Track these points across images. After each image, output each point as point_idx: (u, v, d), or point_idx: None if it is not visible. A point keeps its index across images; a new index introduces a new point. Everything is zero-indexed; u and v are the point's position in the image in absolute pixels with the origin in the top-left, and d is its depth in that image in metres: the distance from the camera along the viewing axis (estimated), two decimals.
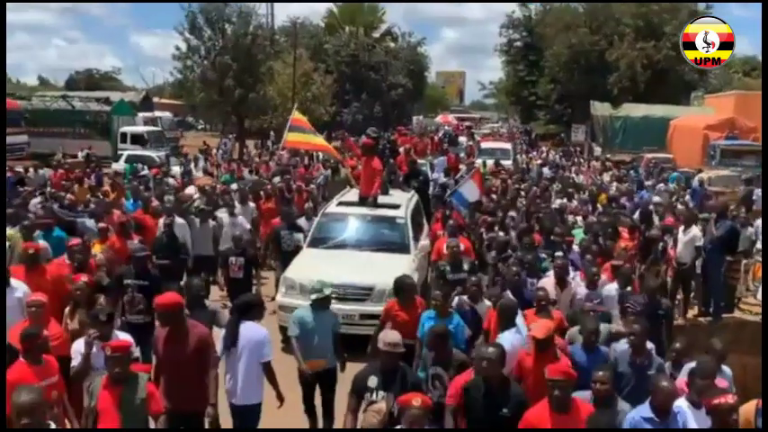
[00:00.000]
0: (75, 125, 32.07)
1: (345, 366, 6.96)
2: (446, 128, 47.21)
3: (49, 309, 6.55)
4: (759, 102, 34.33)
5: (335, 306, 7.60)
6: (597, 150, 34.90)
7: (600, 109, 37.23)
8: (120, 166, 24.39)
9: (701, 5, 48.96)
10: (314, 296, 6.94)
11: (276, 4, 47.67)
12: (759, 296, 10.79)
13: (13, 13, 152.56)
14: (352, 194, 12.63)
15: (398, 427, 4.77)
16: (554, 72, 50.32)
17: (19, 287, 7.38)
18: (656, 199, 14.66)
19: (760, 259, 11.02)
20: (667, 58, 44.42)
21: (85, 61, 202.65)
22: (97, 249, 9.81)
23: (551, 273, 8.82)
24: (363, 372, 5.70)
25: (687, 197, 16.48)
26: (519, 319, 6.92)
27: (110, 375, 5.23)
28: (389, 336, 5.82)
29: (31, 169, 19.56)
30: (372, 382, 5.55)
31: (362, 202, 11.91)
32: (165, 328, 5.91)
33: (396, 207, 11.79)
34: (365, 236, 11.28)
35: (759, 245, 11.39)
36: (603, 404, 5.27)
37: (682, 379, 5.99)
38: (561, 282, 8.56)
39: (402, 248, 10.76)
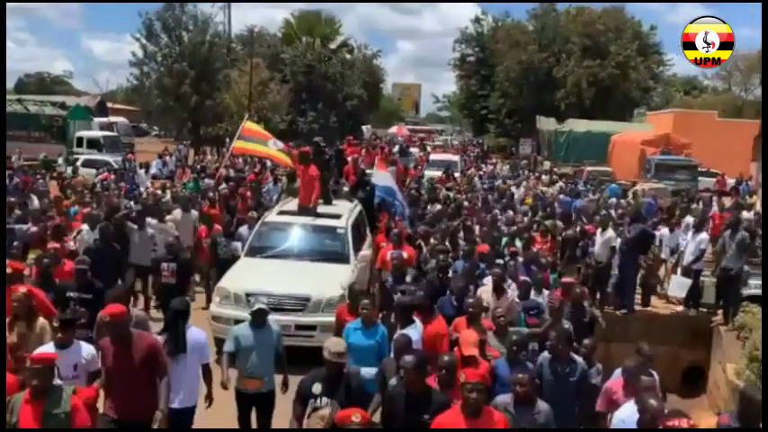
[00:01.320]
0: (31, 129, 32.12)
1: (287, 386, 6.65)
2: (399, 139, 48.38)
3: None
4: (695, 119, 36.75)
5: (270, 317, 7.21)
6: (546, 164, 36.30)
7: (545, 123, 38.74)
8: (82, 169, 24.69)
9: (645, 27, 51.51)
10: (253, 308, 6.77)
11: (233, 13, 47.92)
12: (669, 292, 12.01)
13: None
14: (295, 203, 12.30)
15: None
16: (504, 87, 51.82)
17: None
18: (578, 203, 15.86)
19: (665, 259, 12.34)
20: (612, 76, 46.43)
21: (34, 64, 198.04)
22: (32, 256, 9.71)
23: (488, 280, 8.97)
24: (308, 378, 5.69)
25: (611, 204, 17.74)
26: (416, 318, 7.18)
27: (30, 389, 4.98)
28: (334, 344, 5.77)
29: None
30: (317, 388, 5.54)
31: (302, 211, 11.77)
32: (111, 341, 5.72)
33: (337, 217, 11.66)
34: (304, 245, 11.12)
35: (665, 250, 12.57)
36: (523, 405, 5.44)
37: (616, 381, 6.42)
38: (498, 289, 8.65)
39: (341, 258, 10.59)
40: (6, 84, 11.42)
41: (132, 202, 15.10)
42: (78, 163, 25.69)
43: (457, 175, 25.40)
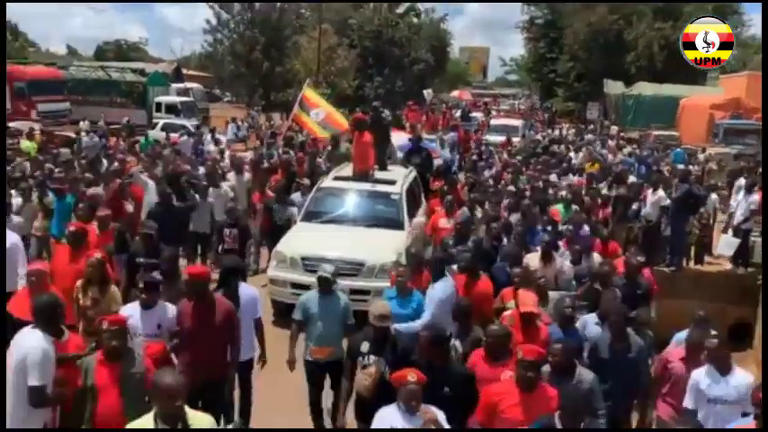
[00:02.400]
0: (113, 95, 33.87)
1: None
2: (462, 103, 48.49)
3: (47, 280, 6.38)
4: None
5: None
6: (614, 129, 36.02)
7: (613, 87, 38.33)
8: (157, 133, 26.17)
9: None
10: (319, 273, 6.70)
11: None
12: (717, 251, 12.39)
13: None
14: (349, 170, 12.37)
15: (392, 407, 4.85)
16: (573, 50, 51.09)
17: (9, 237, 7.54)
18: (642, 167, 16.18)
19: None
20: None
21: (111, 31, 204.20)
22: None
23: (539, 248, 8.96)
24: (356, 337, 5.94)
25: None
26: (447, 272, 7.43)
27: (106, 350, 4.97)
28: (377, 308, 5.90)
29: (83, 134, 21.37)
30: (365, 347, 5.71)
31: (357, 177, 11.83)
32: (191, 302, 5.88)
33: (392, 183, 11.68)
34: (359, 211, 11.18)
35: (738, 216, 12.69)
36: (561, 375, 5.43)
37: (674, 350, 6.46)
38: (546, 256, 8.64)
39: (396, 225, 10.66)
40: (6, 85, 11.94)
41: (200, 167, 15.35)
42: (158, 127, 27.26)
43: (517, 140, 25.52)
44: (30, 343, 4.92)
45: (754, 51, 60.44)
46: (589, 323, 6.88)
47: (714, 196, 13.18)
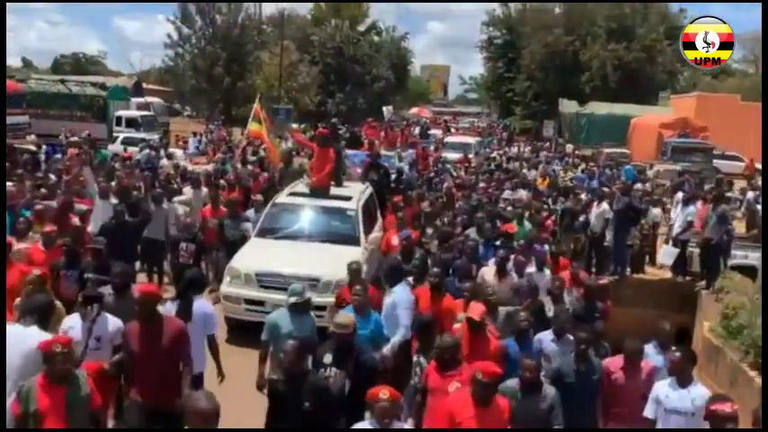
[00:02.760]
0: (73, 108, 33.56)
1: None
2: (423, 120, 49.22)
3: None
4: (717, 103, 37.09)
5: (277, 297, 7.18)
6: (569, 147, 37.04)
7: (567, 106, 39.52)
8: (117, 147, 26.16)
9: (674, 7, 51.61)
10: (291, 299, 6.61)
11: None
12: (658, 260, 13.09)
13: None
14: (305, 185, 12.27)
15: (366, 420, 4.95)
16: (530, 70, 52.44)
17: None
18: (594, 183, 16.94)
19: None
20: (637, 60, 46.81)
21: (67, 44, 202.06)
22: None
23: (491, 261, 9.13)
24: (321, 348, 5.93)
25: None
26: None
27: (52, 374, 4.73)
28: (340, 317, 6.02)
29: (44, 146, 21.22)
30: (327, 358, 5.72)
31: (313, 193, 11.73)
32: (139, 323, 5.65)
33: (348, 199, 11.63)
34: (315, 227, 11.08)
35: (676, 228, 13.39)
36: (530, 390, 5.53)
37: (614, 360, 6.45)
38: (501, 272, 8.72)
39: (352, 240, 10.55)
40: (6, 84, 12.01)
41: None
42: (118, 141, 27.24)
43: (471, 156, 26.13)
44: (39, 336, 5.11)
45: (703, 73, 62.77)
46: (545, 340, 6.89)
47: (656, 210, 13.90)
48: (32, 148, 21.30)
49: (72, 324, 5.88)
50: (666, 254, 12.60)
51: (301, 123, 37.29)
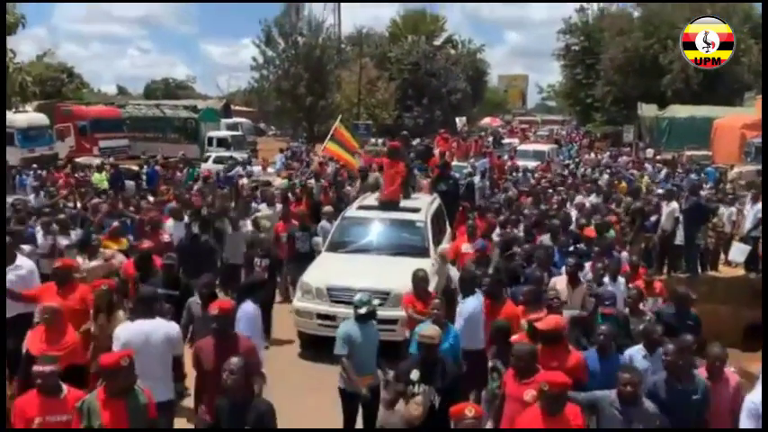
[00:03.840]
0: (167, 131, 35.92)
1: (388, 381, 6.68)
2: (500, 131, 49.48)
3: (65, 316, 6.51)
4: None
5: (348, 311, 7.20)
6: (649, 151, 36.65)
7: (647, 110, 39.04)
8: (209, 165, 27.91)
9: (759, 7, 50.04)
10: (361, 310, 6.69)
11: (342, 13, 50.82)
12: (730, 257, 13.29)
13: (89, 25, 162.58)
14: (374, 198, 12.43)
15: None
16: (609, 75, 51.93)
17: (24, 265, 7.88)
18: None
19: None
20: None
21: (157, 69, 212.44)
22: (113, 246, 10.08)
23: (563, 270, 8.90)
24: (405, 364, 5.89)
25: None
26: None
27: (114, 388, 4.87)
28: (427, 329, 5.95)
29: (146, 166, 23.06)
30: (414, 375, 5.66)
31: (383, 205, 11.83)
32: (211, 339, 5.71)
33: (416, 211, 11.67)
34: (384, 240, 11.13)
35: (747, 225, 13.55)
36: (627, 403, 5.32)
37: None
38: (573, 280, 8.49)
39: (421, 252, 10.50)
40: (6, 84, 13.08)
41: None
42: (210, 160, 29.03)
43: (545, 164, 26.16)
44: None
45: None
46: (635, 356, 6.59)
47: (732, 209, 14.07)
48: (135, 168, 23.13)
49: (126, 328, 6.07)
50: (737, 251, 12.83)
51: (380, 138, 38.38)
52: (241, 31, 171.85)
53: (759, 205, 12.61)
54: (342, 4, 52.61)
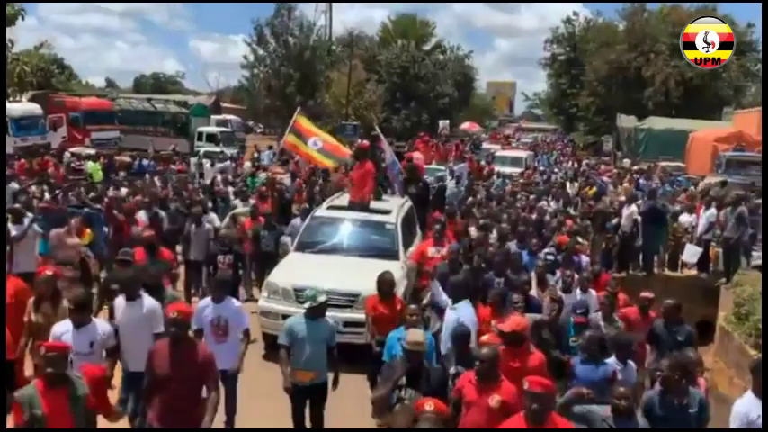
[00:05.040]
0: (158, 125, 36.62)
1: (338, 382, 6.79)
2: (484, 136, 50.38)
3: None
4: None
5: None
6: (626, 161, 37.70)
7: (625, 121, 40.19)
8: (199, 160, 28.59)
9: (742, 25, 51.28)
10: (308, 304, 6.67)
11: (333, 13, 51.50)
12: (683, 258, 14.28)
13: (79, 17, 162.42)
14: (344, 199, 12.30)
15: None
16: (593, 86, 53.22)
17: None
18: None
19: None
20: (700, 76, 46.93)
21: (146, 63, 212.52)
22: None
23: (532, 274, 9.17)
24: (393, 371, 5.87)
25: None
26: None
27: (51, 377, 4.84)
28: (412, 335, 5.92)
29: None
30: (402, 379, 5.65)
31: (352, 206, 11.72)
32: (167, 343, 5.56)
33: (386, 212, 11.56)
34: (353, 241, 11.00)
35: (699, 229, 14.56)
36: (622, 416, 5.26)
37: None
38: (542, 283, 8.82)
39: (391, 255, 10.40)
40: (6, 86, 13.21)
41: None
42: (200, 154, 29.73)
43: (518, 171, 26.16)
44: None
45: None
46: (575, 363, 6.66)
47: (691, 216, 15.08)
48: (127, 159, 23.86)
49: (64, 329, 5.98)
50: (690, 253, 13.83)
51: (366, 139, 39.13)
52: (231, 27, 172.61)
53: (711, 211, 13.63)
54: (333, 5, 53.37)
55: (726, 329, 11.09)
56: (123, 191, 16.07)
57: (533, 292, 8.64)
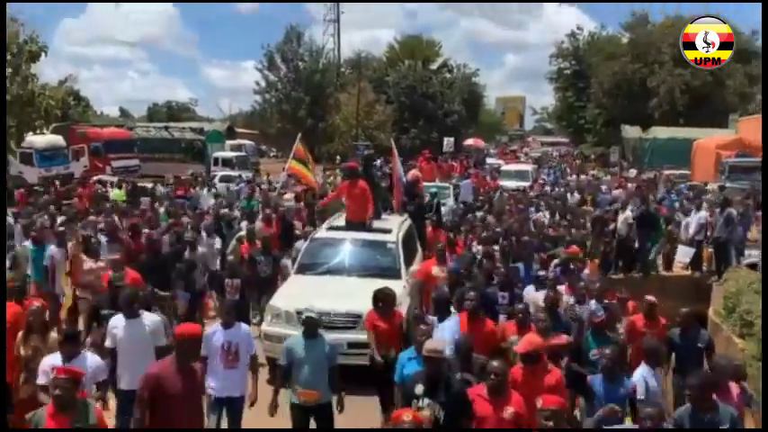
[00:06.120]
0: (175, 151, 37.78)
1: (343, 404, 6.69)
2: (492, 152, 51.08)
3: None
4: None
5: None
6: (632, 171, 38.33)
7: (630, 132, 40.95)
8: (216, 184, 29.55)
9: (747, 32, 51.82)
10: (303, 317, 6.77)
11: (342, 34, 52.75)
12: (677, 258, 15.03)
13: (91, 48, 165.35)
14: (343, 219, 12.23)
15: None
16: (599, 98, 53.97)
17: None
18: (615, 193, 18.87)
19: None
20: (705, 84, 47.55)
21: (158, 92, 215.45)
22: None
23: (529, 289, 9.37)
24: (412, 378, 5.82)
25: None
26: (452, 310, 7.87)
27: (54, 401, 4.91)
28: (432, 342, 5.91)
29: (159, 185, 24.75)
30: (419, 389, 5.55)
31: (350, 226, 11.68)
32: (168, 363, 5.53)
33: (387, 231, 11.51)
34: (354, 261, 10.90)
35: (691, 231, 15.18)
36: None
37: None
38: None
39: (392, 274, 10.34)
40: (6, 86, 13.78)
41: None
42: (217, 179, 30.72)
43: (526, 184, 26.72)
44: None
45: None
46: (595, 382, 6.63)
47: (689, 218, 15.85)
48: (148, 185, 24.89)
49: (53, 362, 5.88)
50: (684, 253, 14.59)
51: (378, 159, 40.08)
52: (241, 54, 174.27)
53: (702, 213, 14.42)
54: (341, 28, 54.72)
55: (715, 322, 11.85)
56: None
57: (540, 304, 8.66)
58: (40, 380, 5.91)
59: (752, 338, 9.84)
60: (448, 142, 42.64)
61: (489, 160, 42.79)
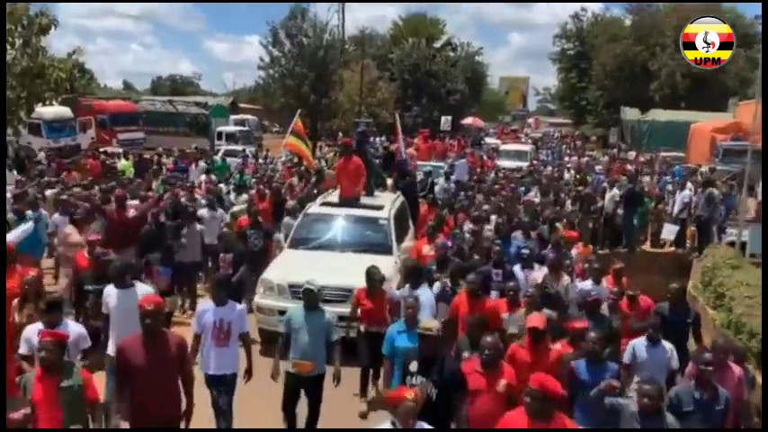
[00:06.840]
0: (179, 125, 38.32)
1: (339, 378, 6.86)
2: (492, 131, 51.43)
3: None
4: None
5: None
6: (631, 154, 38.80)
7: (629, 114, 41.37)
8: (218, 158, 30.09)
9: (750, 17, 52.08)
10: (302, 288, 6.97)
11: (345, 12, 52.71)
12: (662, 236, 15.66)
13: (94, 20, 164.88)
14: (336, 195, 12.38)
15: (387, 421, 4.80)
16: (601, 80, 54.32)
17: None
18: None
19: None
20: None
21: (161, 65, 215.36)
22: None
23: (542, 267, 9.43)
24: (405, 355, 5.93)
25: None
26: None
27: (41, 364, 5.03)
28: (425, 321, 5.95)
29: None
30: (413, 366, 5.63)
31: (343, 202, 11.84)
32: (140, 336, 5.50)
33: (379, 208, 11.69)
34: (347, 237, 11.12)
35: (675, 209, 15.90)
36: (649, 416, 5.16)
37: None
38: (555, 273, 9.04)
39: (384, 250, 10.59)
40: (6, 86, 14.09)
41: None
42: (220, 153, 31.26)
43: (524, 165, 27.11)
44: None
45: None
46: (638, 346, 6.79)
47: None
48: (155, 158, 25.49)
49: (35, 331, 5.83)
50: (668, 230, 15.24)
51: (380, 137, 40.65)
52: (244, 28, 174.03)
53: (685, 192, 15.07)
54: (346, 4, 54.75)
55: (693, 295, 12.52)
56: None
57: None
58: (22, 349, 6.03)
59: (722, 309, 10.49)
60: (445, 120, 42.92)
61: (488, 140, 43.14)
